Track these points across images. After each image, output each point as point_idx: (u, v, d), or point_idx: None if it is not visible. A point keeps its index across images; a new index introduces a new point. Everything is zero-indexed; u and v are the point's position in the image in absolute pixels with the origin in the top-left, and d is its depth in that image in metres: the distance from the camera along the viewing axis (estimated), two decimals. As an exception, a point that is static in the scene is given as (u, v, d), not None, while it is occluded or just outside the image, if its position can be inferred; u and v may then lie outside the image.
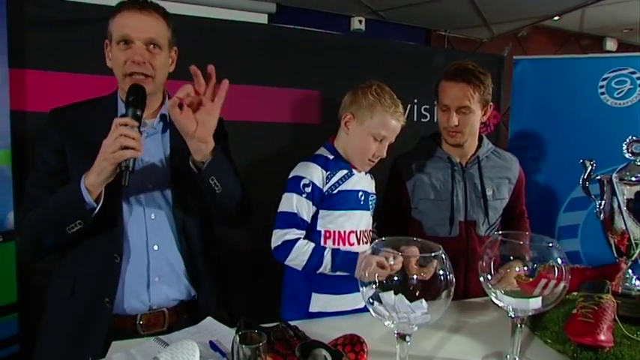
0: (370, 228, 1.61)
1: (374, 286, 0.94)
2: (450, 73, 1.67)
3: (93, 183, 1.17)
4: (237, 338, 0.89)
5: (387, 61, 2.66)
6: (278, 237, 1.45)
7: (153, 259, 1.31)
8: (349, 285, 1.47)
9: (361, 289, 0.98)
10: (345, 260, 1.42)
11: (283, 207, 1.48)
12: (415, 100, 2.73)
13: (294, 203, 1.46)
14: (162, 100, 1.42)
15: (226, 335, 1.13)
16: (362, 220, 1.55)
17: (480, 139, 1.81)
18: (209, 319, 1.24)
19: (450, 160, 1.75)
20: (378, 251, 0.98)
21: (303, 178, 1.47)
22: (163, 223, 1.35)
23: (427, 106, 2.78)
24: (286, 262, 1.45)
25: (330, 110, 2.51)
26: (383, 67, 2.58)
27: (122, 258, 1.28)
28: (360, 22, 3.40)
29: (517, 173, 1.83)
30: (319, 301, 1.49)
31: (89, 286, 1.27)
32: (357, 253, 1.43)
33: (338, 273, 1.44)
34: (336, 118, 1.58)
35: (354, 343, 1.03)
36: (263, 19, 3.06)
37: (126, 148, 1.14)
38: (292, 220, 1.46)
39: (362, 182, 1.56)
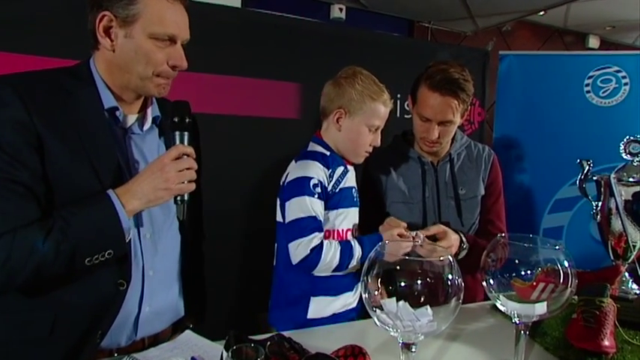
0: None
1: (376, 292, 0.88)
2: (434, 83, 1.49)
3: (136, 209, 1.03)
4: (230, 354, 0.79)
5: (369, 53, 2.52)
6: (304, 247, 1.32)
7: (147, 286, 1.13)
8: (345, 284, 1.44)
9: (363, 295, 0.92)
10: (372, 244, 1.34)
11: (300, 213, 1.34)
12: (398, 95, 2.58)
13: (309, 206, 1.34)
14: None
15: (208, 350, 1.04)
16: (355, 217, 1.50)
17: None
18: (187, 332, 1.13)
19: (421, 159, 1.66)
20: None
21: (311, 178, 1.37)
22: (159, 241, 1.16)
23: (411, 102, 2.70)
24: (316, 271, 1.35)
25: (310, 104, 2.39)
26: (364, 58, 2.37)
27: (128, 284, 1.08)
28: (341, 10, 3.29)
29: (491, 167, 1.70)
30: (318, 305, 1.41)
31: (78, 320, 1.04)
32: (379, 235, 1.40)
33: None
34: (317, 111, 1.48)
35: (355, 354, 0.95)
36: (236, 2, 2.88)
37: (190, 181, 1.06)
38: (313, 224, 1.34)
39: (352, 178, 1.51)
